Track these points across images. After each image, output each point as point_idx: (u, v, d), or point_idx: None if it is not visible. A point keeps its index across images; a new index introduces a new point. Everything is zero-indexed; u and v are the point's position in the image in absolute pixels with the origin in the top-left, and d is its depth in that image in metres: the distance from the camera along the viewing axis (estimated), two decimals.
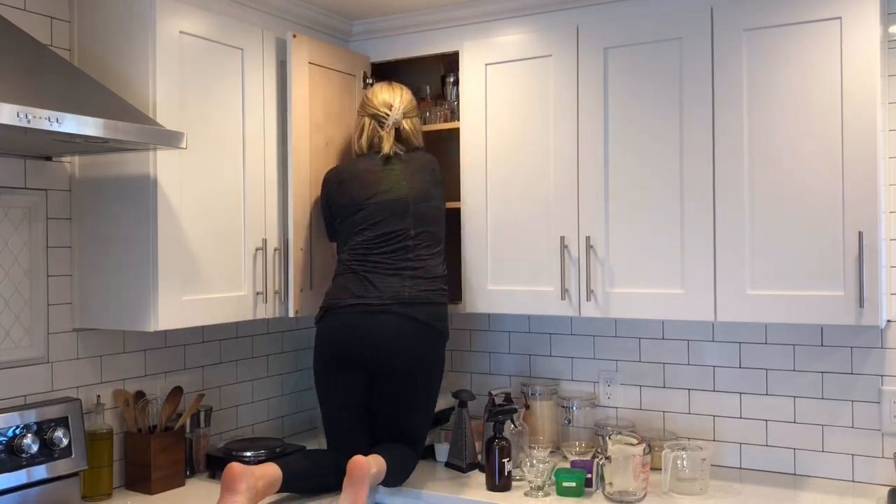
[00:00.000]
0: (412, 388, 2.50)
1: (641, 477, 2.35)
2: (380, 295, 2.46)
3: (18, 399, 2.27)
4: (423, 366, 2.50)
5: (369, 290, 2.47)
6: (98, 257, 2.35)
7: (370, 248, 2.53)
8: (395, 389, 2.48)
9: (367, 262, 2.52)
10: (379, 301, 2.45)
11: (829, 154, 2.20)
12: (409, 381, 2.49)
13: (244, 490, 2.14)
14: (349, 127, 2.83)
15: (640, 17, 2.46)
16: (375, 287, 2.47)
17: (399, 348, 2.45)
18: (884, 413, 2.44)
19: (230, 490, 2.13)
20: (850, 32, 2.17)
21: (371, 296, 2.46)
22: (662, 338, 2.77)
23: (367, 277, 2.49)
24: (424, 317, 2.48)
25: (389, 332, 2.44)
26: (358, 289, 2.49)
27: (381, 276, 2.49)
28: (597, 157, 2.50)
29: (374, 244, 2.53)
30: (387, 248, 2.52)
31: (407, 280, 2.49)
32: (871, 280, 2.14)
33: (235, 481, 2.14)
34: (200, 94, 2.37)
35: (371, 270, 2.50)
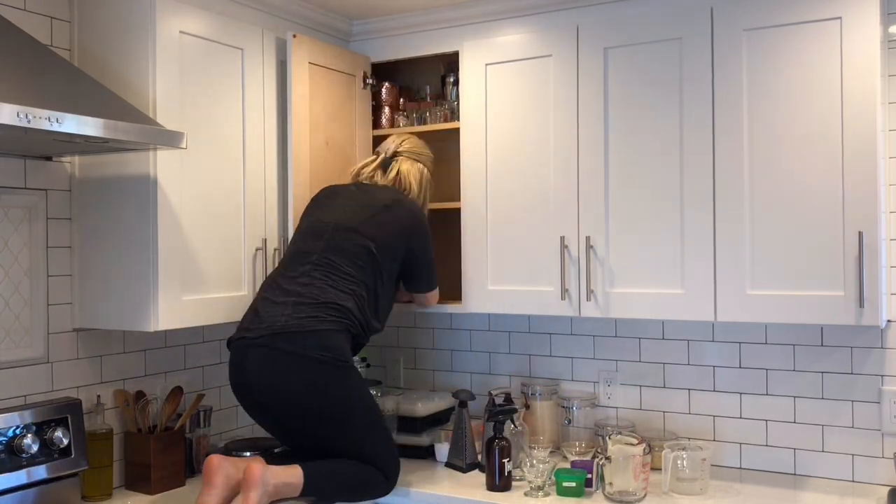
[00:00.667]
0: (312, 422, 2.31)
1: (641, 477, 2.35)
2: (258, 325, 2.31)
3: (18, 399, 2.27)
4: (307, 400, 2.28)
5: (252, 321, 2.34)
6: (98, 257, 2.35)
7: (278, 272, 2.43)
8: (296, 425, 2.34)
9: (269, 286, 2.40)
10: (256, 334, 2.30)
11: (829, 154, 2.20)
12: (302, 417, 2.31)
13: (220, 483, 2.12)
14: (349, 127, 2.83)
15: (640, 17, 2.45)
16: (258, 316, 2.33)
17: (271, 383, 2.28)
18: (884, 413, 2.44)
19: (207, 483, 2.13)
20: (850, 32, 2.17)
21: (252, 327, 2.32)
22: (662, 338, 2.77)
23: (257, 306, 2.36)
24: (297, 348, 2.26)
25: (261, 368, 2.28)
26: (247, 319, 2.37)
27: (269, 304, 2.34)
28: (597, 157, 2.50)
29: (283, 265, 2.44)
30: (289, 270, 2.40)
31: (289, 308, 2.31)
32: (871, 280, 2.14)
33: (212, 474, 2.13)
34: (200, 94, 2.37)
35: (265, 297, 2.37)
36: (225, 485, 2.13)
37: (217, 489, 2.11)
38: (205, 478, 2.14)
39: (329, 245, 2.41)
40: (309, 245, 2.42)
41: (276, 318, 2.29)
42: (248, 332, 2.32)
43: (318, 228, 2.46)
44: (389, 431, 2.48)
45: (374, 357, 3.25)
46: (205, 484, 2.13)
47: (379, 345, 3.26)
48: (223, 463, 2.15)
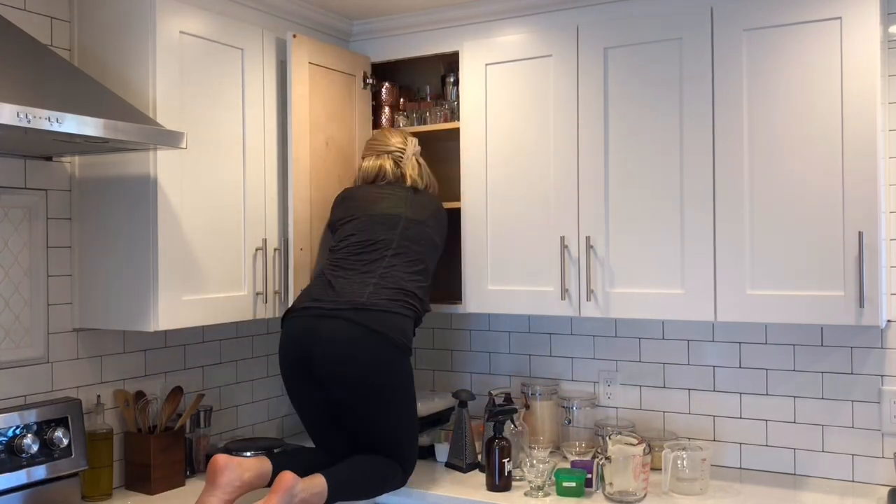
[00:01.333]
0: (366, 398, 2.34)
1: (641, 477, 2.35)
2: (336, 299, 2.36)
3: (18, 399, 2.27)
4: (372, 376, 2.32)
5: (327, 293, 2.39)
6: (98, 257, 2.35)
7: (348, 253, 2.50)
8: (349, 400, 2.36)
9: (339, 266, 2.47)
10: (333, 305, 2.35)
11: (829, 154, 2.20)
12: (360, 391, 2.33)
13: (224, 483, 2.10)
14: (350, 127, 2.83)
15: (640, 17, 2.46)
16: (334, 290, 2.39)
17: (343, 355, 2.31)
18: (884, 413, 2.44)
19: (211, 483, 2.12)
20: (850, 32, 2.17)
21: (327, 299, 2.37)
22: (662, 338, 2.78)
23: (331, 281, 2.42)
24: (377, 325, 2.33)
25: (336, 338, 2.31)
26: (317, 292, 2.42)
27: (344, 280, 2.41)
28: (597, 157, 2.50)
29: (353, 250, 2.50)
30: (364, 255, 2.48)
31: (370, 286, 2.39)
32: (871, 280, 2.14)
33: (217, 473, 2.12)
34: (200, 94, 2.37)
35: (338, 274, 2.44)
36: (229, 486, 2.11)
37: (220, 489, 2.10)
38: (209, 476, 2.13)
39: (405, 235, 2.53)
40: (382, 233, 2.52)
41: (357, 295, 2.37)
42: (321, 303, 2.37)
43: (389, 220, 2.55)
44: (418, 427, 2.53)
45: None
46: (208, 483, 2.12)
47: None
48: (229, 463, 2.14)
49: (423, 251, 2.55)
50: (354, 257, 2.48)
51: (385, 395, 2.36)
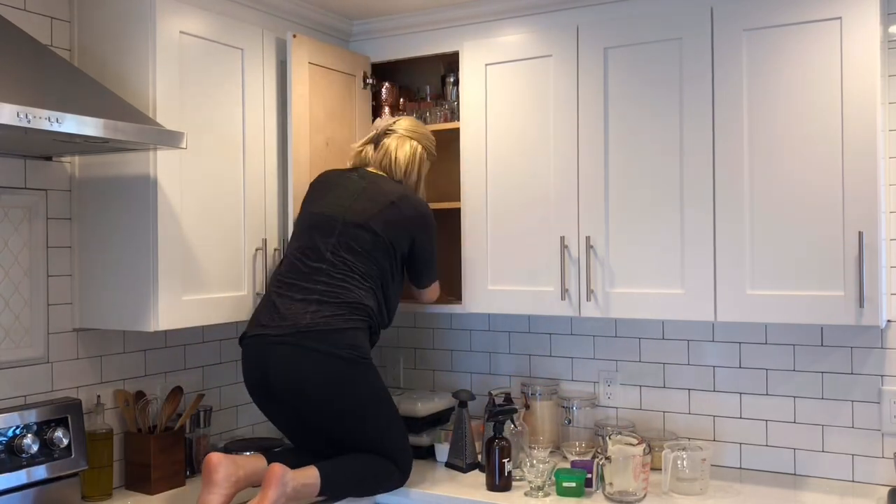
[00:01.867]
0: (334, 417, 2.33)
1: (641, 477, 2.35)
2: (280, 324, 2.31)
3: (18, 399, 2.27)
4: (332, 396, 2.30)
5: (272, 318, 2.34)
6: (98, 257, 2.35)
7: (290, 267, 2.42)
8: (318, 421, 2.35)
9: (282, 283, 2.40)
10: (278, 332, 2.30)
11: (830, 154, 2.20)
12: (325, 412, 2.32)
13: (220, 480, 2.10)
14: (350, 127, 2.83)
15: (640, 17, 2.46)
16: (279, 313, 2.33)
17: (297, 380, 2.29)
18: (884, 413, 2.44)
19: (207, 482, 2.12)
20: (850, 32, 2.17)
21: (272, 325, 2.33)
22: (662, 338, 2.77)
23: (275, 302, 2.36)
24: (323, 345, 2.28)
25: (287, 365, 2.29)
26: (264, 317, 2.36)
27: (287, 301, 2.35)
28: (597, 157, 2.50)
29: (293, 261, 2.42)
30: (304, 266, 2.39)
31: (312, 305, 2.33)
32: (871, 280, 2.14)
33: (212, 471, 2.11)
34: (200, 94, 2.37)
35: (282, 292, 2.38)
36: (226, 482, 2.11)
37: (218, 486, 2.10)
38: (204, 476, 2.13)
39: (341, 242, 2.40)
40: (319, 241, 2.41)
41: (301, 316, 2.31)
42: (268, 329, 2.33)
43: (326, 223, 2.43)
44: (403, 425, 2.50)
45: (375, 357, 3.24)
46: (205, 483, 2.12)
47: (379, 345, 3.24)
48: (223, 460, 2.14)
49: (367, 259, 2.42)
50: (295, 272, 2.40)
51: (353, 411, 2.34)
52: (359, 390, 2.34)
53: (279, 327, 2.31)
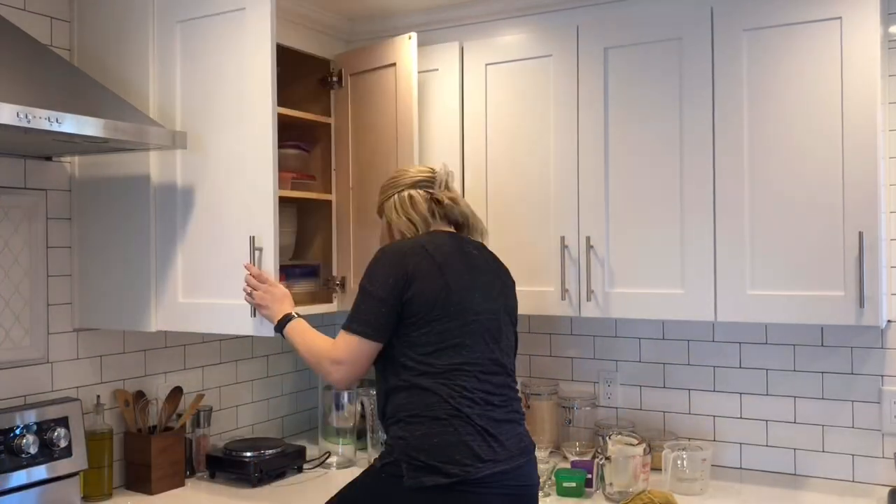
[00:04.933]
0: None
1: (641, 477, 2.35)
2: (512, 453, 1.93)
3: (18, 399, 2.27)
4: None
5: (493, 452, 1.90)
6: (98, 257, 2.35)
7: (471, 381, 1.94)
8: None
9: (475, 402, 1.92)
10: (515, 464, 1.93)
11: (830, 153, 2.20)
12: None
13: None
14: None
15: (640, 17, 2.45)
16: (499, 442, 1.92)
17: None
18: (884, 413, 2.44)
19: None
20: (850, 32, 2.17)
21: (502, 458, 1.90)
22: (662, 338, 2.77)
23: (487, 429, 1.91)
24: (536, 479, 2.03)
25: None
26: (482, 448, 1.88)
27: (498, 424, 1.94)
28: (597, 157, 2.50)
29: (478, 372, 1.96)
30: (490, 385, 1.96)
31: (519, 426, 2.00)
32: (871, 280, 2.14)
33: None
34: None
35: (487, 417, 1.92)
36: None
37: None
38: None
39: (505, 349, 2.07)
40: (493, 350, 2.01)
41: (520, 439, 1.99)
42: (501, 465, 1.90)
43: (491, 324, 2.02)
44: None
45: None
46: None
47: None
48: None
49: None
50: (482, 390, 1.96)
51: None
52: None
53: (512, 458, 1.93)
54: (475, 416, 1.90)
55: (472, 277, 2.02)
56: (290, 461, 2.65)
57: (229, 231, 2.18)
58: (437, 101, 2.75)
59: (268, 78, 2.11)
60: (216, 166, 2.21)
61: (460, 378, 1.92)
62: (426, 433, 1.88)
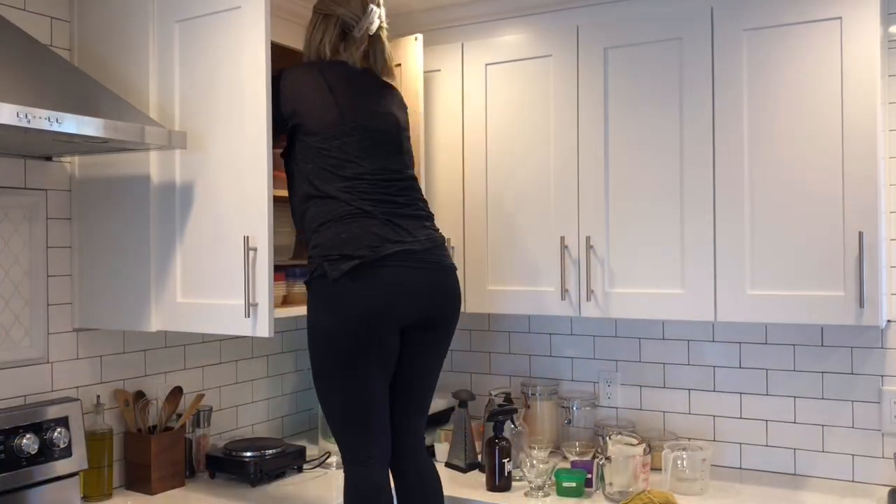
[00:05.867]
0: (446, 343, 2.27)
1: (641, 477, 2.36)
2: (416, 238, 2.13)
3: (18, 399, 2.27)
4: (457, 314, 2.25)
5: (401, 235, 2.12)
6: (98, 257, 2.35)
7: (374, 186, 2.15)
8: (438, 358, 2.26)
9: (379, 202, 2.14)
10: (421, 246, 2.13)
11: (830, 154, 2.20)
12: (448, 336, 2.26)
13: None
14: None
15: (640, 17, 2.46)
16: (406, 230, 2.13)
17: (456, 300, 2.21)
18: (884, 413, 2.44)
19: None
20: (850, 32, 2.17)
21: (408, 241, 2.12)
22: (662, 338, 2.78)
23: (391, 220, 2.12)
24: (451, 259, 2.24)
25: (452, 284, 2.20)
26: (389, 233, 2.10)
27: (406, 219, 2.16)
28: (597, 157, 2.50)
29: (374, 182, 2.16)
30: (391, 189, 2.18)
31: (425, 221, 2.21)
32: (871, 280, 2.14)
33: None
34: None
35: (392, 213, 2.14)
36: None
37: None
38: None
39: (407, 160, 2.27)
40: (394, 162, 2.21)
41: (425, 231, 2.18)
42: (410, 245, 2.12)
43: (389, 137, 2.23)
44: None
45: None
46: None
47: None
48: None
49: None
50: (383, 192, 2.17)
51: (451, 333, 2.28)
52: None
53: (417, 241, 2.14)
54: (378, 213, 2.11)
55: (364, 99, 2.24)
56: (290, 461, 2.65)
57: (226, 231, 2.18)
58: (439, 101, 2.76)
59: (262, 76, 2.11)
60: (214, 166, 2.21)
61: (362, 185, 2.13)
62: (336, 232, 2.09)
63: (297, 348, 3.16)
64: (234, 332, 2.18)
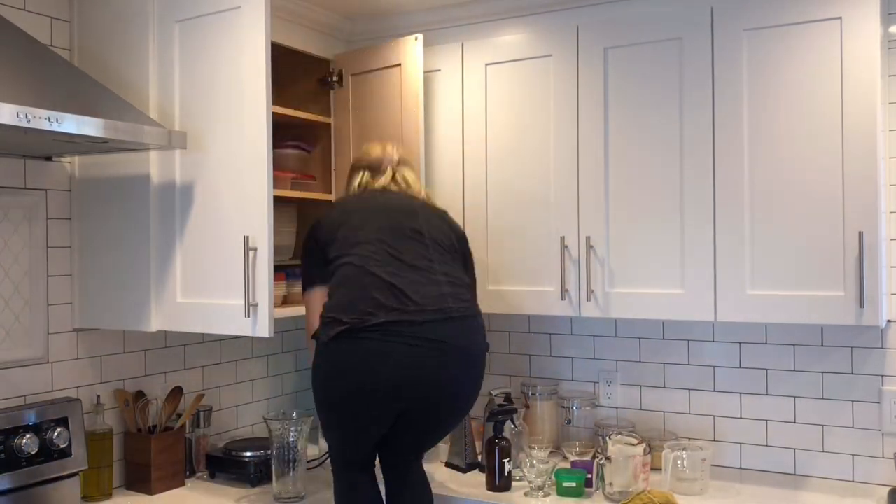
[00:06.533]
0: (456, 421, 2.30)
1: (641, 477, 2.35)
2: (422, 308, 2.06)
3: (18, 399, 2.27)
4: (473, 396, 2.21)
5: (402, 302, 2.06)
6: (98, 257, 2.35)
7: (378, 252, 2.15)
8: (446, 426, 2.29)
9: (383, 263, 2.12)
10: (422, 318, 2.05)
11: (830, 154, 2.20)
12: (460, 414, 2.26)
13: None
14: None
15: (640, 16, 2.46)
16: (408, 297, 2.07)
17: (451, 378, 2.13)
18: (884, 413, 2.44)
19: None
20: (850, 32, 2.17)
21: (409, 309, 2.05)
22: (662, 338, 2.77)
23: (393, 283, 2.08)
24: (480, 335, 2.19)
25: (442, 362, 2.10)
26: (386, 298, 2.06)
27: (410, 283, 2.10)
28: (597, 157, 2.50)
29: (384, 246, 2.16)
30: (401, 247, 2.16)
31: (444, 286, 2.13)
32: (871, 280, 2.14)
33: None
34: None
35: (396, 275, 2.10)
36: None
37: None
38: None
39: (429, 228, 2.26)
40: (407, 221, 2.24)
41: (441, 299, 2.10)
42: (407, 315, 2.04)
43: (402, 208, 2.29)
44: None
45: None
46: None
47: None
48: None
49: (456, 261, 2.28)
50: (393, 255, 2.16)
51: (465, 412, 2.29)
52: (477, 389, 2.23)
53: (422, 312, 2.06)
54: (384, 274, 2.09)
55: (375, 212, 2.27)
56: None
57: (226, 231, 2.18)
58: (439, 101, 2.76)
59: (262, 76, 2.11)
60: (214, 166, 2.21)
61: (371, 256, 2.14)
62: (341, 294, 2.12)
63: (297, 348, 3.16)
64: (234, 332, 2.18)
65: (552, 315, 2.61)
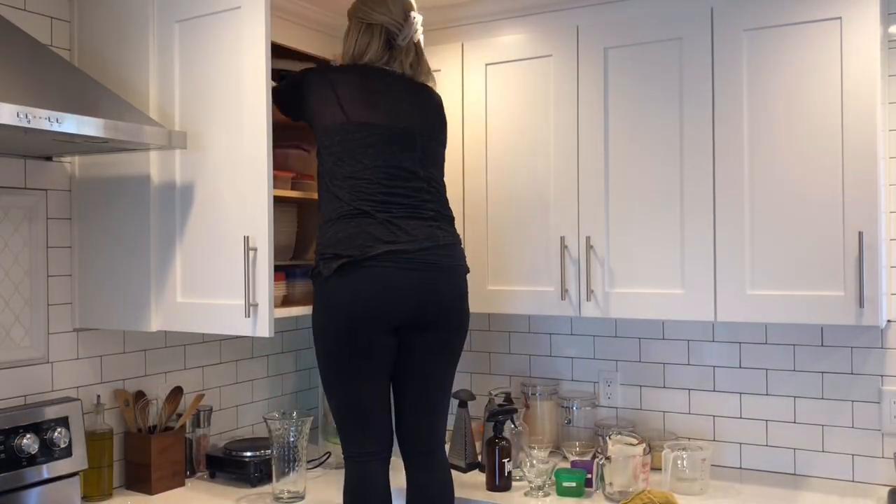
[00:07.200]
0: (456, 355, 2.28)
1: (641, 477, 2.36)
2: (413, 238, 2.13)
3: (18, 399, 2.27)
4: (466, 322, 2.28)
5: (398, 236, 2.12)
6: (98, 257, 2.35)
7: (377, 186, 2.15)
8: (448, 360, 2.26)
9: (380, 202, 2.14)
10: (415, 246, 2.13)
11: (830, 154, 2.20)
12: (459, 345, 2.27)
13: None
14: None
15: (640, 17, 2.46)
16: (403, 231, 2.13)
17: (459, 300, 2.23)
18: (884, 413, 2.44)
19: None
20: (850, 32, 2.17)
21: (403, 241, 2.12)
22: (662, 338, 2.78)
23: (391, 221, 2.13)
24: (463, 261, 2.26)
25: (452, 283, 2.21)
26: (383, 234, 2.11)
27: (409, 221, 2.16)
28: (597, 157, 2.50)
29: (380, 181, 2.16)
30: (397, 189, 2.17)
31: (432, 222, 2.20)
32: (871, 280, 2.14)
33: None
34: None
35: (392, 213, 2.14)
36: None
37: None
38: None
39: (426, 159, 2.24)
40: (405, 159, 2.19)
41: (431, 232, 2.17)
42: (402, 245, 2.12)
43: (404, 137, 2.21)
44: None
45: None
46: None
47: None
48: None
49: (441, 174, 2.31)
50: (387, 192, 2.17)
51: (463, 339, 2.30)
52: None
53: (415, 241, 2.14)
54: (376, 213, 2.13)
55: (378, 98, 2.22)
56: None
57: (226, 231, 2.18)
58: None
59: (262, 76, 2.11)
60: (214, 166, 2.21)
61: (361, 184, 2.14)
62: (334, 231, 2.13)
63: (297, 348, 3.17)
64: (234, 332, 2.18)
65: (552, 315, 2.61)
